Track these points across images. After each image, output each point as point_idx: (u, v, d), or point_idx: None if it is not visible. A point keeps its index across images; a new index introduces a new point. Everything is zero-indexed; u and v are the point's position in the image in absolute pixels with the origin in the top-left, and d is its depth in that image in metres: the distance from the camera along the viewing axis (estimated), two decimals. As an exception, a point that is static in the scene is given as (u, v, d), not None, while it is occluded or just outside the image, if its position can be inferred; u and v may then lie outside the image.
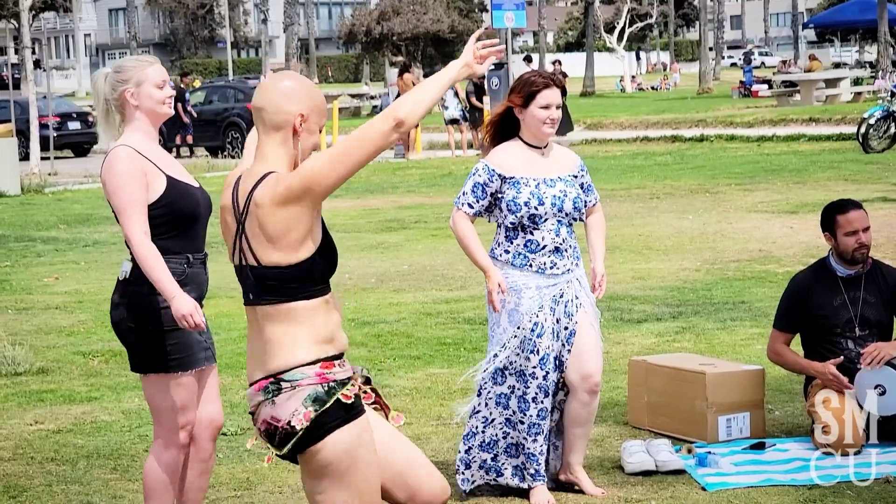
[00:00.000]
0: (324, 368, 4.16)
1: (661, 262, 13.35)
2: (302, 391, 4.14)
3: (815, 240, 13.73)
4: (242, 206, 4.21)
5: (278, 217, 4.13)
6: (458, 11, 74.49)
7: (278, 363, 4.17)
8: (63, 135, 35.72)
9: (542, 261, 6.15)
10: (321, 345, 4.19)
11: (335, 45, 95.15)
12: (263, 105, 4.23)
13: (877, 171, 20.83)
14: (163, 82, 5.48)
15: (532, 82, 6.24)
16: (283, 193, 4.11)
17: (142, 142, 5.41)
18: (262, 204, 4.14)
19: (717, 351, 9.08)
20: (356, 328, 10.47)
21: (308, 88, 4.26)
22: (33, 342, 10.30)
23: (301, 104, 4.21)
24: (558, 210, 6.17)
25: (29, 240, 17.13)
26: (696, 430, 7.16)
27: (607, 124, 37.22)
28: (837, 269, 7.18)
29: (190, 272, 5.36)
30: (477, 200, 6.19)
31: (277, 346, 4.18)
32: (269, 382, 4.18)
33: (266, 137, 4.24)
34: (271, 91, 4.23)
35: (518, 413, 6.23)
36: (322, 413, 4.13)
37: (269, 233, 4.15)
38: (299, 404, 4.13)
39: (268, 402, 4.18)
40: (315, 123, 4.26)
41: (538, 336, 6.14)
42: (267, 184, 4.15)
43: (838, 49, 78.54)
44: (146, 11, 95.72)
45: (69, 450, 7.39)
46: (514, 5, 31.88)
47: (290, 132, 4.22)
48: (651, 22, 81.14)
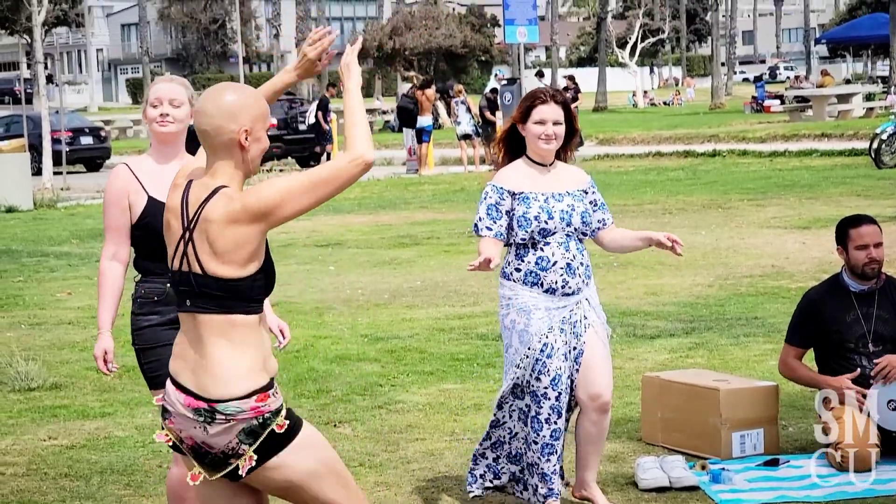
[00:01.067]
0: (259, 402, 4.12)
1: (673, 277, 13.33)
2: (236, 426, 4.10)
3: (828, 255, 13.71)
4: (192, 215, 4.14)
5: (228, 234, 4.08)
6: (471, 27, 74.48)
7: (215, 391, 4.11)
8: (75, 149, 35.83)
9: (553, 279, 6.12)
10: (257, 373, 4.15)
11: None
12: (205, 128, 4.14)
13: (889, 187, 20.80)
14: (157, 101, 5.51)
15: (529, 97, 6.27)
16: (237, 211, 4.07)
17: (146, 159, 5.54)
18: (214, 220, 4.09)
19: (730, 367, 9.06)
20: (369, 344, 10.47)
21: (246, 98, 4.17)
22: (46, 357, 10.32)
23: (242, 118, 4.13)
24: (567, 224, 6.15)
25: (42, 255, 17.17)
26: (709, 446, 7.14)
27: (620, 139, 37.24)
28: (850, 284, 7.17)
29: (171, 292, 5.40)
30: (494, 221, 6.15)
31: (215, 372, 4.12)
32: (203, 409, 4.12)
33: (214, 157, 4.17)
34: (210, 113, 4.13)
35: (532, 433, 6.22)
36: (258, 448, 4.13)
37: (217, 248, 4.10)
38: (233, 437, 4.11)
39: (198, 426, 4.13)
40: (260, 130, 4.19)
41: (548, 357, 6.13)
42: (220, 199, 4.09)
43: (850, 64, 78.52)
44: (158, 27, 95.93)
45: (83, 465, 7.39)
46: (526, 21, 31.89)
47: (238, 149, 4.15)
48: (663, 37, 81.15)
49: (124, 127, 54.36)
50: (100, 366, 5.51)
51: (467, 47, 62.83)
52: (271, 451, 4.15)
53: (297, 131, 34.86)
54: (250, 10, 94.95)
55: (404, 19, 60.93)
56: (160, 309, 5.44)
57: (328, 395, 8.93)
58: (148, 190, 5.44)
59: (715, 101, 57.11)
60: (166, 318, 5.41)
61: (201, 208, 4.12)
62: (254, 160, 4.20)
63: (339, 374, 9.56)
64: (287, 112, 35.06)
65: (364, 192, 25.55)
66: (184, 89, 5.57)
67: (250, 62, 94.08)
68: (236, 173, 4.17)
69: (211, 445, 4.13)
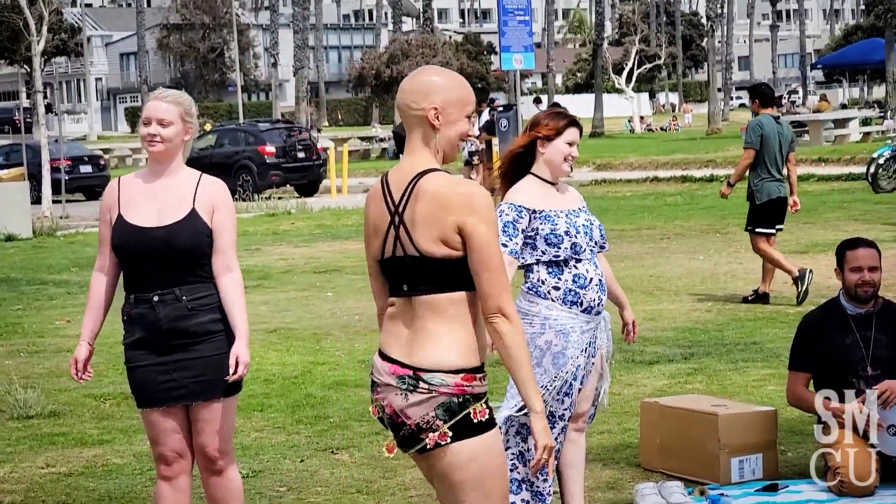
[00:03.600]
0: (464, 380, 4.16)
1: (672, 302, 13.34)
2: (436, 398, 4.14)
3: (826, 280, 13.70)
4: (400, 197, 4.23)
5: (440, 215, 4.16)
6: (467, 54, 74.74)
7: (424, 358, 4.17)
8: (74, 178, 35.85)
9: (591, 297, 6.07)
10: (469, 354, 4.19)
11: (345, 89, 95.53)
12: (399, 104, 4.30)
13: (886, 211, 20.83)
14: (147, 119, 5.52)
15: (563, 116, 6.29)
16: (453, 224, 4.14)
17: (139, 175, 5.61)
18: (430, 193, 4.17)
19: (729, 392, 9.05)
20: (366, 370, 10.42)
21: (444, 80, 4.27)
22: (45, 385, 10.31)
23: (432, 98, 4.23)
24: (590, 239, 6.14)
25: (41, 283, 17.17)
26: (708, 471, 7.14)
27: (617, 165, 37.28)
28: (848, 307, 7.18)
29: (134, 313, 5.50)
30: (510, 238, 6.06)
31: (429, 340, 4.18)
32: (408, 375, 4.18)
33: (410, 134, 4.29)
34: (406, 90, 4.28)
35: (534, 451, 6.17)
36: (452, 426, 4.14)
37: (426, 222, 4.18)
38: (430, 410, 4.14)
39: (400, 393, 4.19)
40: (455, 115, 4.26)
41: (574, 379, 6.10)
42: (439, 182, 4.18)
43: (846, 89, 78.74)
44: (157, 56, 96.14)
45: (81, 493, 7.38)
46: (522, 47, 31.95)
47: (428, 127, 4.24)
48: (659, 63, 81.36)
49: (123, 155, 54.42)
50: (72, 373, 5.61)
51: (464, 74, 62.91)
52: (464, 434, 4.14)
53: (296, 159, 34.87)
54: (248, 39, 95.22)
55: (401, 47, 61.16)
56: (128, 329, 5.53)
57: (326, 421, 8.92)
58: (121, 207, 5.48)
59: (712, 126, 57.20)
60: (132, 339, 5.50)
61: (413, 186, 4.20)
62: (449, 141, 4.27)
63: (337, 400, 9.55)
64: (286, 140, 35.07)
65: (361, 218, 25.54)
66: (175, 107, 5.52)
67: (248, 91, 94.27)
68: (430, 152, 4.26)
69: (408, 415, 4.17)
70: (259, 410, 9.26)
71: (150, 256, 5.43)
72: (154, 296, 5.43)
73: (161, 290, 5.44)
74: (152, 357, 5.47)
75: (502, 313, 4.15)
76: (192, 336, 5.47)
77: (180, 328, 5.45)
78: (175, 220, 5.44)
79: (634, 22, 79.53)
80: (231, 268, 5.56)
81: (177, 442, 5.55)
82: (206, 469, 5.65)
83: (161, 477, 5.62)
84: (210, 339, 5.51)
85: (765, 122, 13.10)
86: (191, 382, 5.50)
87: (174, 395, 5.50)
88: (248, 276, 16.72)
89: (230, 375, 5.48)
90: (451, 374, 4.15)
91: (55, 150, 32.77)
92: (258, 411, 9.24)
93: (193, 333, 5.47)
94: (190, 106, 5.59)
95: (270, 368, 10.72)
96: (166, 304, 5.44)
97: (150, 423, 5.58)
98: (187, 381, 5.49)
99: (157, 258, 5.42)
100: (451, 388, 4.14)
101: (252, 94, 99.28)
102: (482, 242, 4.13)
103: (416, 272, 4.20)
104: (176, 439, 5.55)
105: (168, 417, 5.53)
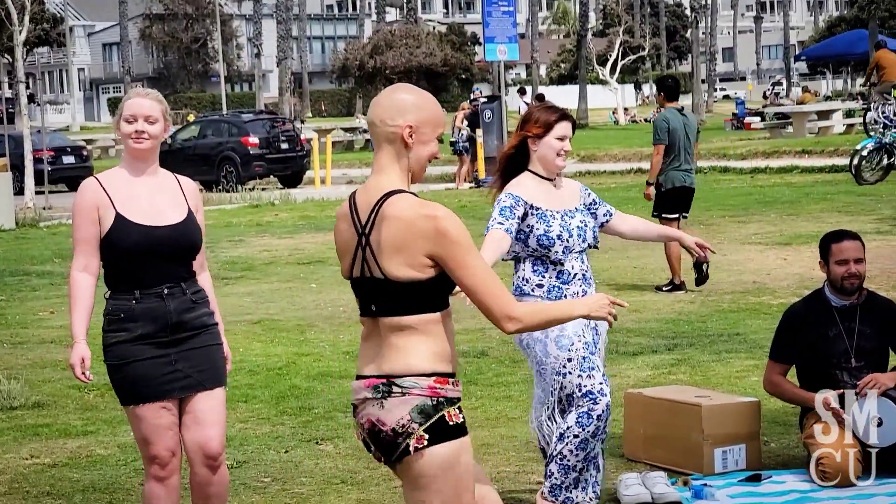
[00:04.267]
0: (437, 383, 4.19)
1: (655, 294, 13.37)
2: (411, 400, 4.16)
3: (809, 271, 13.76)
4: (367, 219, 4.23)
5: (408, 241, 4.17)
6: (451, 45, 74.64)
7: (394, 366, 4.20)
8: (57, 169, 35.71)
9: (574, 290, 6.20)
10: (439, 359, 4.21)
11: (328, 79, 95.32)
12: (373, 120, 4.28)
13: (869, 203, 20.88)
14: (132, 117, 5.51)
15: (554, 111, 6.33)
16: (421, 250, 4.15)
17: (119, 173, 5.56)
18: (396, 218, 4.17)
19: (712, 383, 9.08)
20: (351, 361, 10.46)
21: (418, 100, 4.27)
22: (29, 376, 10.29)
23: (408, 116, 4.23)
24: (583, 241, 6.24)
25: (24, 274, 17.12)
26: (692, 462, 7.16)
27: (601, 156, 37.30)
28: (832, 299, 7.20)
29: (139, 308, 5.46)
30: (507, 219, 6.13)
31: (397, 351, 4.21)
32: (381, 383, 4.20)
33: (379, 150, 4.28)
34: (381, 105, 4.27)
35: (583, 434, 6.15)
36: (428, 428, 4.16)
37: (392, 247, 4.18)
38: (406, 413, 4.16)
39: (375, 403, 4.21)
40: (428, 134, 4.27)
41: (591, 353, 6.15)
42: (404, 205, 4.17)
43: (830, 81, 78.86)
44: (140, 46, 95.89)
45: (65, 484, 7.38)
46: (506, 38, 31.94)
47: (401, 144, 4.24)
48: (643, 54, 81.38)
49: (106, 146, 54.23)
50: (77, 374, 5.52)
51: (448, 65, 63.01)
52: (440, 437, 4.16)
53: (279, 150, 34.82)
54: (231, 30, 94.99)
55: (385, 38, 61.07)
56: (127, 325, 5.46)
57: (310, 412, 8.92)
58: (117, 206, 5.45)
59: (696, 117, 57.26)
60: (134, 335, 5.45)
61: (378, 208, 4.19)
62: (419, 161, 4.27)
63: (322, 391, 9.55)
64: (269, 131, 35.02)
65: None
66: (158, 105, 5.57)
67: (232, 81, 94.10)
68: (400, 171, 4.25)
69: (384, 422, 4.17)
70: (244, 401, 9.26)
71: (158, 254, 5.46)
72: (164, 288, 5.47)
73: (168, 283, 5.49)
74: (155, 350, 5.45)
75: (509, 318, 4.18)
76: (193, 329, 5.54)
77: (185, 320, 5.51)
78: (179, 219, 5.52)
79: (618, 13, 79.54)
80: (205, 266, 5.75)
81: (170, 440, 5.52)
82: (206, 465, 5.60)
83: (155, 478, 5.54)
84: (207, 331, 5.60)
85: (670, 116, 13.76)
86: (195, 372, 5.53)
87: (179, 385, 5.50)
88: (231, 267, 16.71)
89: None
90: (423, 377, 4.18)
91: (38, 141, 32.65)
92: (242, 402, 9.24)
93: (194, 326, 5.54)
94: (166, 105, 5.68)
95: (255, 359, 10.72)
96: (175, 297, 5.49)
97: (142, 420, 5.48)
98: (191, 371, 5.52)
99: (165, 255, 5.47)
100: (425, 391, 4.17)
101: (235, 85, 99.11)
102: (459, 263, 4.15)
103: (383, 294, 4.22)
104: (170, 437, 5.52)
105: (164, 414, 5.49)
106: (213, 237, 20.09)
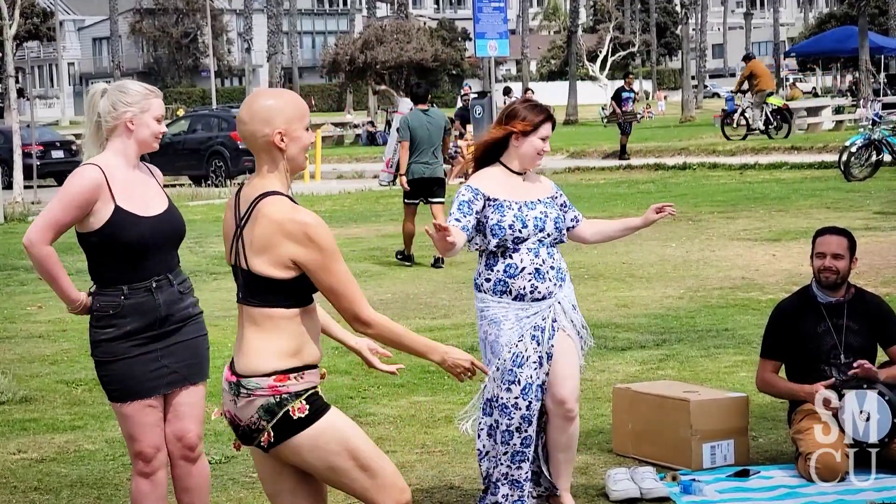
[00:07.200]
0: (277, 381, 4.34)
1: (644, 289, 13.37)
2: (256, 401, 4.35)
3: (798, 267, 13.78)
4: (244, 213, 4.41)
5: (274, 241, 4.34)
6: (442, 40, 74.63)
7: (241, 367, 4.40)
8: (46, 163, 35.65)
9: (520, 284, 6.18)
10: (283, 357, 4.36)
11: (319, 74, 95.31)
12: (244, 135, 4.44)
13: (858, 199, 20.91)
14: (161, 117, 5.59)
15: (543, 110, 6.38)
16: (287, 253, 4.32)
17: (119, 165, 5.50)
18: (268, 217, 4.34)
19: (700, 378, 9.09)
20: (339, 356, 10.45)
21: (278, 103, 4.40)
22: (16, 371, 10.27)
23: (275, 122, 4.38)
24: (539, 230, 6.24)
25: (12, 268, 17.09)
26: (680, 457, 7.16)
27: (590, 152, 37.30)
28: (819, 295, 7.22)
29: (128, 304, 5.44)
30: (464, 216, 6.21)
31: (245, 351, 4.40)
32: (233, 382, 4.41)
33: (258, 158, 4.44)
34: (245, 120, 4.40)
35: (501, 446, 6.24)
36: (275, 425, 4.33)
37: (260, 244, 4.36)
38: (254, 412, 4.35)
39: (231, 399, 4.42)
40: (297, 130, 4.41)
41: (518, 366, 6.16)
42: (277, 207, 4.34)
43: (819, 77, 78.90)
44: (130, 41, 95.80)
45: (52, 479, 7.36)
46: (497, 34, 31.91)
47: (276, 150, 4.39)
48: (633, 51, 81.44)
49: (95, 141, 54.17)
50: (75, 311, 5.54)
51: (438, 61, 62.90)
52: (288, 432, 4.34)
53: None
54: (222, 25, 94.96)
55: (375, 33, 60.95)
56: (116, 322, 5.44)
57: (299, 407, 8.90)
58: (116, 198, 5.41)
59: (685, 114, 57.26)
60: (122, 332, 5.43)
61: (254, 206, 4.36)
62: (295, 157, 4.44)
63: (311, 386, 9.53)
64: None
65: (335, 205, 25.56)
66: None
67: (222, 76, 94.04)
68: (279, 173, 4.42)
69: (239, 418, 4.41)
70: (232, 396, 9.24)
71: (158, 245, 5.46)
72: (151, 282, 5.46)
73: (157, 276, 5.48)
74: (142, 347, 5.43)
75: (360, 321, 4.39)
76: (179, 321, 5.53)
77: (172, 312, 5.51)
78: (164, 207, 5.53)
79: (609, 9, 79.63)
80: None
81: (156, 437, 5.52)
82: (183, 457, 5.62)
83: (140, 474, 5.55)
84: (192, 323, 5.60)
85: (411, 117, 15.97)
86: (181, 367, 5.53)
87: (166, 381, 5.50)
88: (220, 262, 16.67)
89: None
90: (263, 378, 4.35)
91: (27, 136, 32.59)
92: (231, 397, 9.21)
93: (181, 318, 5.54)
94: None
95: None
96: (162, 290, 5.49)
97: (128, 417, 5.48)
98: (177, 366, 5.51)
99: (161, 245, 5.48)
100: (266, 391, 4.34)
101: (225, 80, 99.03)
102: (322, 268, 4.32)
103: (247, 283, 4.41)
104: (156, 434, 5.52)
105: (149, 411, 5.48)
106: (201, 232, 20.07)
